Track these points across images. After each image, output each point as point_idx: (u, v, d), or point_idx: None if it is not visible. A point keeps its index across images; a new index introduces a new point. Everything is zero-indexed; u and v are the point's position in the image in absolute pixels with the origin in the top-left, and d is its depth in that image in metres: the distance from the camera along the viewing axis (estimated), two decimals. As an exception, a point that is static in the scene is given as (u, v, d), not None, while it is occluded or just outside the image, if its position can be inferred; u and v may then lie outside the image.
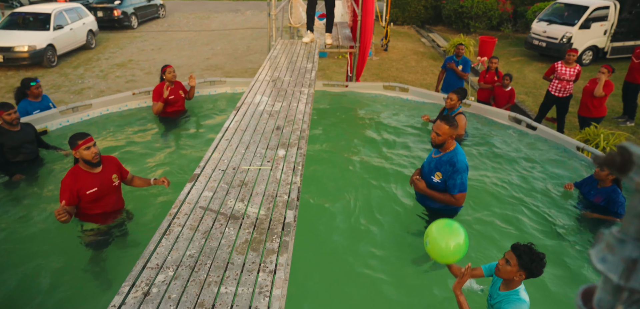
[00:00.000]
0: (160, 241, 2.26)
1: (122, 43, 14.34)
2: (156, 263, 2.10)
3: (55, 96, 9.20)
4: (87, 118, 5.99)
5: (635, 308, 0.46)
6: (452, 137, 3.42)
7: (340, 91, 7.33)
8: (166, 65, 5.93)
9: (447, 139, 3.40)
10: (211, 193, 2.74)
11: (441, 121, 3.38)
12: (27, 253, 3.41)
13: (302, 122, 3.93)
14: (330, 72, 11.61)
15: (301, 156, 3.28)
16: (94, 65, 11.69)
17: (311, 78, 5.39)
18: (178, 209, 2.56)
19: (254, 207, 2.60)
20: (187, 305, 1.86)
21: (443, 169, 3.43)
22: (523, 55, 13.58)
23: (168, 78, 5.85)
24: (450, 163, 3.38)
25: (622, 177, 0.49)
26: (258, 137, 3.60)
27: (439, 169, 3.47)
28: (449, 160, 3.40)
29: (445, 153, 3.44)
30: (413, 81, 11.05)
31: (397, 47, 14.65)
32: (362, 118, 6.56)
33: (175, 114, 6.10)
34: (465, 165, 3.41)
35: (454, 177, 3.37)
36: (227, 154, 3.28)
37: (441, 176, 3.44)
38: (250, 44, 14.56)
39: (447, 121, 3.36)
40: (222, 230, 2.38)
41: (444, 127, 3.36)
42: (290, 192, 2.77)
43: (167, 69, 5.87)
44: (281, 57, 6.56)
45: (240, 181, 2.89)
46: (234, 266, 2.10)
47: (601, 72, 6.69)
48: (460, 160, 3.37)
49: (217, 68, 11.71)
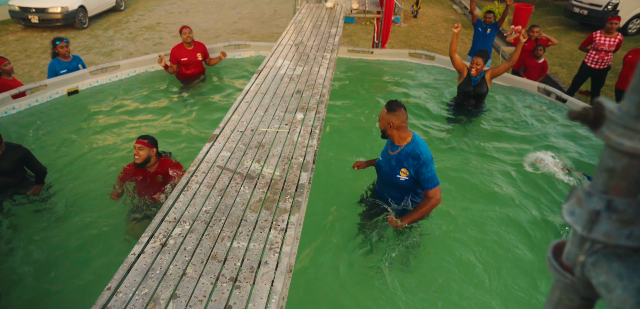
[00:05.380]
0: (178, 197, 2.35)
1: (150, 5, 14.50)
2: (174, 217, 2.20)
3: (87, 57, 9.48)
4: (115, 79, 6.17)
5: (595, 258, 0.47)
6: (398, 128, 2.92)
7: (364, 58, 7.23)
8: (183, 26, 6.03)
9: (392, 131, 2.94)
10: (229, 153, 2.80)
11: (386, 108, 2.92)
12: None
13: (322, 87, 3.92)
14: (356, 38, 11.42)
15: (319, 120, 3.29)
16: (123, 27, 11.91)
17: (334, 43, 5.33)
18: (196, 167, 2.64)
19: (270, 168, 2.65)
20: (201, 257, 1.95)
21: (407, 165, 2.94)
22: (561, 25, 12.92)
23: (184, 39, 5.98)
24: (413, 156, 2.91)
25: (594, 132, 0.48)
26: (278, 100, 3.63)
27: (402, 166, 2.97)
28: (410, 153, 2.91)
29: (404, 146, 2.95)
30: (442, 49, 10.75)
31: (427, 13, 14.20)
32: (386, 85, 6.48)
33: (192, 76, 6.25)
34: (430, 156, 2.92)
35: (423, 172, 2.87)
36: (246, 116, 3.33)
37: (407, 172, 2.95)
38: (277, 8, 14.44)
39: (389, 107, 2.90)
40: (238, 189, 2.45)
41: (382, 114, 2.94)
42: (306, 154, 2.81)
43: (183, 30, 5.98)
44: (306, 21, 6.50)
45: (258, 142, 2.94)
46: (247, 223, 2.17)
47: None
48: (424, 151, 2.89)
49: (244, 32, 11.72)
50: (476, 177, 4.24)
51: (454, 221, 3.62)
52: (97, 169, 4.32)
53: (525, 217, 3.74)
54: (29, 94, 5.36)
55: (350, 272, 3.13)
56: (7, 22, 11.69)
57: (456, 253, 3.32)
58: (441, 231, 3.49)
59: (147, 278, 1.83)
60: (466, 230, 3.54)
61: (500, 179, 4.27)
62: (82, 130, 5.00)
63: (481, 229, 3.58)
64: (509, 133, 5.17)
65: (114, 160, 4.42)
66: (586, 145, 4.93)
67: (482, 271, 3.18)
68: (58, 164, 4.30)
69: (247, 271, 1.88)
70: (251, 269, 1.89)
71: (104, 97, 5.75)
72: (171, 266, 1.89)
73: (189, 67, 6.15)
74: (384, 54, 7.29)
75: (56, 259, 3.19)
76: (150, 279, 1.82)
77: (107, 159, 4.51)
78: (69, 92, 5.67)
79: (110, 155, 4.56)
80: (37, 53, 9.59)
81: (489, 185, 4.14)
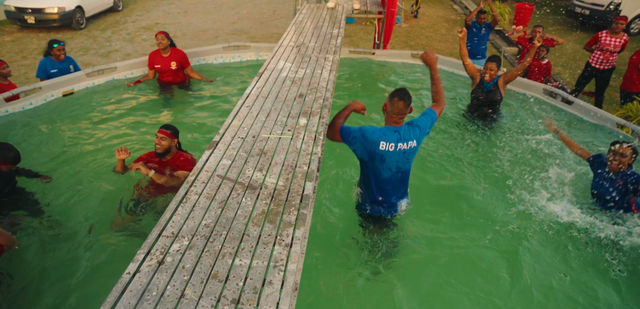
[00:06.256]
0: (176, 209, 2.23)
1: (148, 6, 14.35)
2: (172, 231, 2.07)
3: (84, 58, 9.34)
4: (111, 80, 6.03)
5: None
6: (388, 115, 2.94)
7: (366, 59, 7.10)
8: (158, 32, 5.71)
9: (385, 114, 2.98)
10: (229, 161, 2.67)
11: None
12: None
13: (325, 91, 3.79)
14: (357, 38, 11.30)
15: (323, 125, 3.17)
16: (121, 28, 11.77)
17: (337, 44, 5.20)
18: (195, 177, 2.51)
19: (273, 177, 2.52)
20: (201, 276, 1.82)
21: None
22: (562, 25, 12.82)
23: (157, 45, 5.70)
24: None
25: None
26: (280, 104, 3.50)
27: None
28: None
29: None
30: (443, 49, 10.64)
31: (427, 13, 14.09)
32: (388, 87, 6.35)
33: (171, 84, 5.90)
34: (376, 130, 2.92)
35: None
36: (247, 121, 3.20)
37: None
38: (277, 8, 14.31)
39: (393, 92, 2.92)
40: (239, 200, 2.32)
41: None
42: (310, 162, 2.68)
43: (157, 36, 5.66)
44: (307, 22, 6.37)
45: (260, 149, 2.82)
46: (249, 238, 2.05)
47: None
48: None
49: (243, 33, 11.59)
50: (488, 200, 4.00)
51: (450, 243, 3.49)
52: (90, 173, 4.18)
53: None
54: (23, 97, 5.22)
55: (356, 286, 3.01)
56: (3, 22, 11.54)
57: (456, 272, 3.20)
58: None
59: (142, 300, 1.70)
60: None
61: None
62: (76, 132, 4.87)
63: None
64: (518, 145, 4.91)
65: (107, 165, 4.27)
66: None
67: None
68: (48, 168, 4.17)
69: (250, 292, 1.75)
70: (255, 290, 1.76)
71: (100, 99, 5.61)
72: (169, 287, 1.76)
73: (164, 75, 5.84)
74: (386, 55, 7.17)
75: (46, 271, 3.07)
76: (146, 301, 1.69)
77: (99, 161, 4.37)
78: (64, 94, 5.54)
79: (104, 159, 4.42)
80: (34, 54, 9.44)
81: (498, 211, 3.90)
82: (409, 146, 2.92)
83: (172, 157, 3.66)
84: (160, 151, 3.55)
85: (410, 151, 2.94)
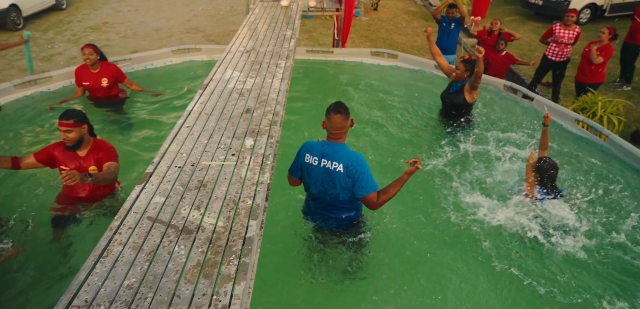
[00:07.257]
0: (94, 267, 1.90)
1: (96, 3, 13.49)
2: (85, 299, 1.75)
3: (22, 63, 8.59)
4: (46, 91, 5.48)
5: None
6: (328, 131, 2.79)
7: (324, 58, 6.85)
8: (84, 45, 5.01)
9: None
10: (163, 198, 2.36)
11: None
12: None
13: (275, 104, 3.52)
14: (316, 34, 11.03)
15: (271, 146, 2.90)
16: (66, 28, 10.96)
17: (289, 48, 4.92)
18: (121, 221, 2.19)
19: (212, 216, 2.24)
20: (117, 358, 1.53)
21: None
22: (518, 14, 13.03)
23: (84, 60, 5.00)
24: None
25: None
26: (224, 123, 3.19)
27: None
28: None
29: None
30: (404, 43, 10.54)
31: (387, 6, 13.98)
32: (347, 88, 6.13)
33: (105, 100, 5.25)
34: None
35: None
36: (186, 145, 2.88)
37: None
38: (233, 4, 13.79)
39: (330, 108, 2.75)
40: (171, 249, 2.02)
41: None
42: (255, 195, 2.41)
43: (83, 50, 4.95)
44: (259, 22, 6.04)
45: (199, 181, 2.52)
46: (180, 301, 1.76)
47: (602, 32, 6.29)
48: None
49: (198, 31, 11.06)
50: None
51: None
52: (21, 195, 3.72)
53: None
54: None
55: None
56: None
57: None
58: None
59: None
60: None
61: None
62: (4, 152, 4.35)
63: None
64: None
65: (42, 185, 3.81)
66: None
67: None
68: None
69: None
70: None
71: (33, 114, 5.05)
72: None
73: (95, 92, 5.16)
74: (345, 53, 6.95)
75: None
76: None
77: (32, 182, 3.90)
78: (-12, 111, 4.98)
79: (37, 179, 3.95)
80: (-39, 61, 8.60)
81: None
82: (333, 166, 2.72)
83: (90, 147, 3.26)
84: (70, 144, 3.14)
85: (335, 173, 2.72)
